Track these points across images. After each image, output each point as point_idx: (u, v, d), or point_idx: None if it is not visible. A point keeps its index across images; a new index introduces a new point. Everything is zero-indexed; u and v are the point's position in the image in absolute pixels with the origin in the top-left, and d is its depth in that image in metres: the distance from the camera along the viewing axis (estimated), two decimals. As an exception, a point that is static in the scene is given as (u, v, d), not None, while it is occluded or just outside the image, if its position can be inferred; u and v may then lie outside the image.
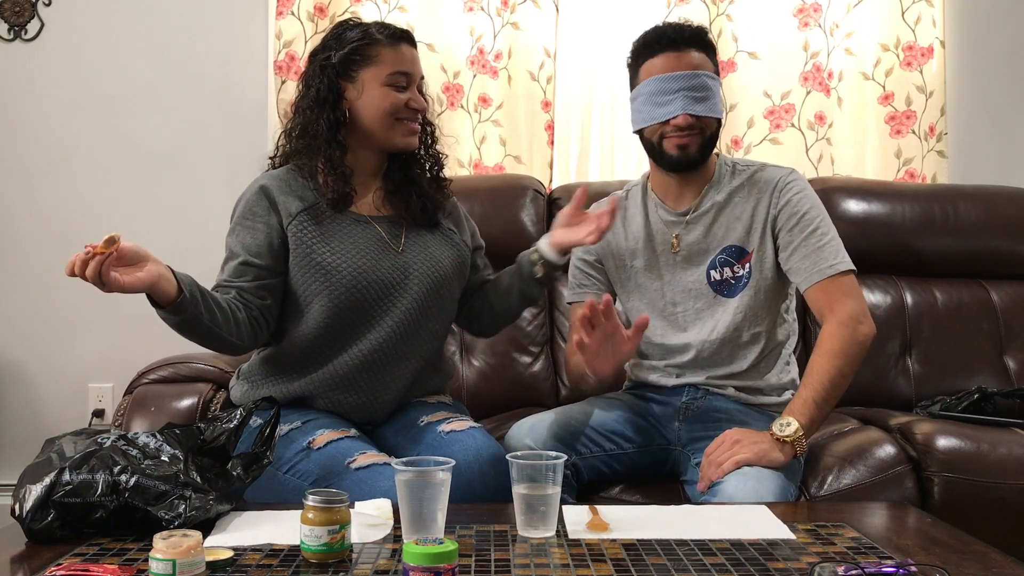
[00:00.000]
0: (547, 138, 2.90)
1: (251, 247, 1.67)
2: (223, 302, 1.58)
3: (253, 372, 1.77)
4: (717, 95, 1.80)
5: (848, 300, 1.72)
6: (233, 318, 1.59)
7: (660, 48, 1.79)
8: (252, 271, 1.66)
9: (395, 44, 1.73)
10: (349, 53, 1.72)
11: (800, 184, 1.82)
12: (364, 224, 1.74)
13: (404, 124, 1.74)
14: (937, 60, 2.87)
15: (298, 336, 1.70)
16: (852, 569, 1.09)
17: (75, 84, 2.91)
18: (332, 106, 1.71)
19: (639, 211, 1.91)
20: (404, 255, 1.73)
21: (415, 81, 1.76)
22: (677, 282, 1.85)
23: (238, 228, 1.70)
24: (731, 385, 1.82)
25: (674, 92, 1.76)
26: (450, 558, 1.04)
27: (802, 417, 1.62)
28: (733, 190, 1.84)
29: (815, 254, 1.75)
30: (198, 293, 1.51)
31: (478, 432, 1.65)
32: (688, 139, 1.78)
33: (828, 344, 1.68)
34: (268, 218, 1.69)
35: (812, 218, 1.77)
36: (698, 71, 1.77)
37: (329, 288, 1.66)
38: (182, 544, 1.08)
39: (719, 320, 1.81)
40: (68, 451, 1.32)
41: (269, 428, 1.46)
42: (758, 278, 1.80)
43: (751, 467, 1.56)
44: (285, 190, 1.72)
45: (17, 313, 2.90)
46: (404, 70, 1.73)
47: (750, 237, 1.81)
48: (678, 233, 1.85)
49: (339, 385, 1.70)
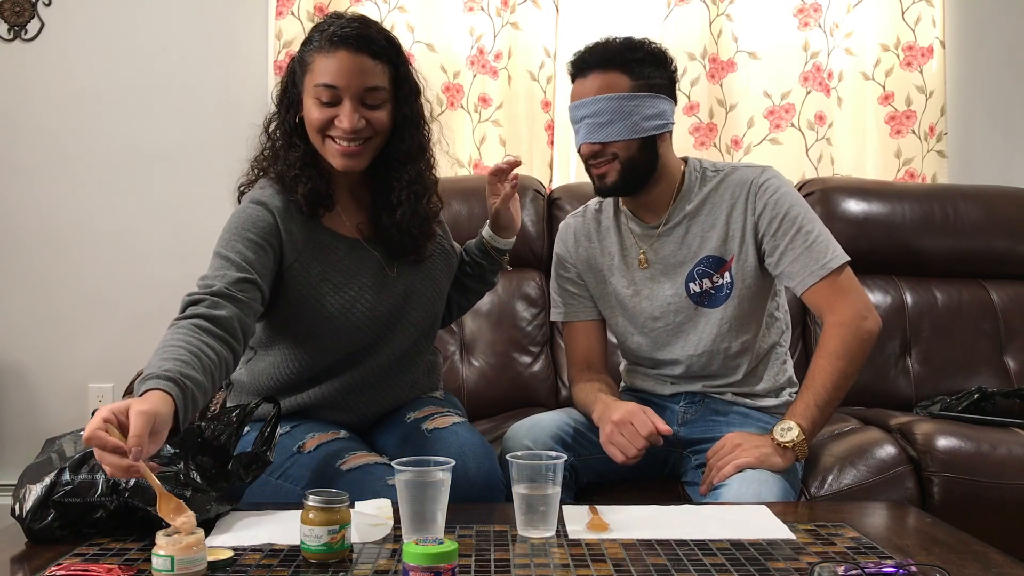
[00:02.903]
0: (547, 138, 2.90)
1: (258, 268, 1.50)
2: (212, 369, 1.33)
3: (241, 383, 1.70)
4: (637, 113, 1.68)
5: (848, 296, 1.68)
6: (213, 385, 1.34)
7: (572, 75, 1.76)
8: (253, 289, 1.48)
9: (330, 51, 1.53)
10: (301, 58, 1.59)
11: (775, 183, 1.75)
12: (360, 250, 1.64)
13: (335, 143, 1.55)
14: (937, 60, 2.87)
15: (289, 361, 1.64)
16: (852, 569, 1.09)
17: (75, 84, 2.91)
18: (286, 110, 1.62)
19: (611, 224, 1.87)
20: (400, 279, 1.66)
21: (352, 94, 1.52)
22: (655, 296, 1.80)
23: (239, 240, 1.51)
24: (729, 391, 1.81)
25: (579, 120, 1.71)
26: (450, 558, 1.04)
27: (804, 421, 1.61)
28: (704, 197, 1.77)
29: (805, 255, 1.69)
30: (192, 410, 1.26)
31: (461, 428, 1.63)
32: (604, 168, 1.71)
33: (830, 345, 1.66)
34: (275, 246, 1.55)
35: (795, 217, 1.71)
36: (600, 95, 1.68)
37: (329, 330, 1.60)
38: (183, 540, 1.09)
39: (703, 332, 1.77)
40: (68, 451, 1.32)
41: (269, 428, 1.46)
42: (741, 287, 1.75)
43: (753, 470, 1.56)
44: (287, 216, 1.58)
45: (17, 313, 2.90)
46: (330, 82, 1.52)
47: (727, 245, 1.75)
48: (645, 249, 1.80)
49: (330, 405, 1.67)
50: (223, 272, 1.47)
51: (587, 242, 1.89)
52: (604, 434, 1.63)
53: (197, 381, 1.27)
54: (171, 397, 1.20)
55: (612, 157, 1.71)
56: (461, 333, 2.51)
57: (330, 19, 1.60)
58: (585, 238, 1.90)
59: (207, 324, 1.37)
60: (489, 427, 2.15)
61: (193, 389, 1.25)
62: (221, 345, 1.37)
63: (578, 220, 1.93)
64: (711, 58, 2.88)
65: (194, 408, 1.27)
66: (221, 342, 1.37)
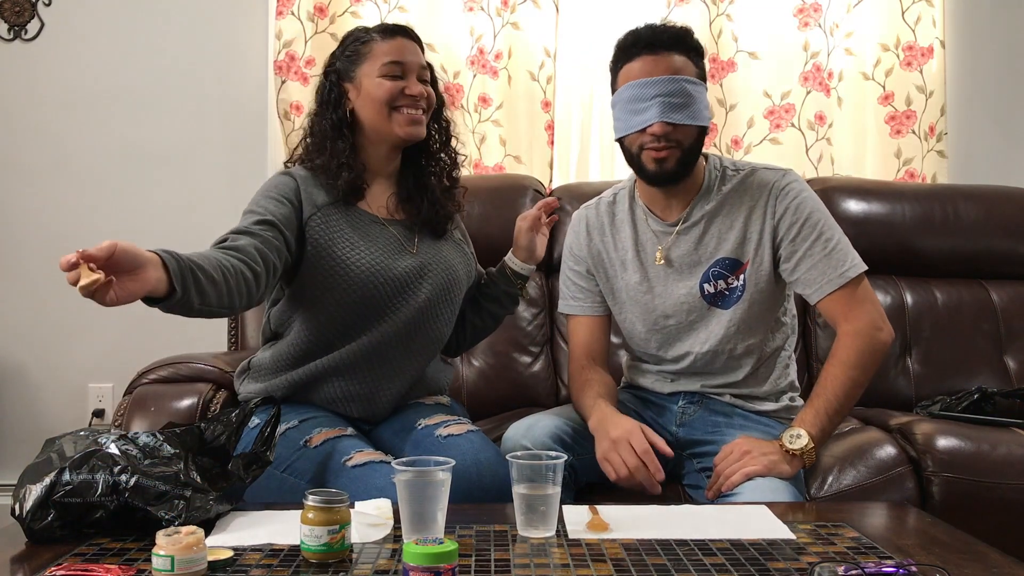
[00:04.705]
0: (547, 138, 2.90)
1: (277, 214, 1.63)
2: (224, 269, 1.43)
3: (261, 365, 1.77)
4: (700, 102, 1.69)
5: (864, 306, 1.67)
6: (227, 285, 1.43)
7: (637, 52, 1.70)
8: (274, 231, 1.60)
9: (389, 37, 1.75)
10: (349, 55, 1.76)
11: (797, 187, 1.73)
12: (380, 225, 1.75)
13: (402, 113, 1.73)
14: (937, 60, 2.88)
15: (308, 327, 1.70)
16: (852, 569, 1.09)
17: (75, 84, 2.92)
18: (334, 107, 1.74)
19: (627, 219, 1.85)
20: (419, 256, 1.74)
21: (413, 70, 1.74)
22: (669, 295, 1.79)
23: (262, 199, 1.67)
24: (728, 392, 1.80)
25: (650, 99, 1.66)
26: (450, 558, 1.04)
27: (813, 429, 1.60)
28: (724, 197, 1.76)
29: (823, 263, 1.68)
30: (191, 282, 1.35)
31: (476, 436, 1.65)
32: (666, 152, 1.68)
33: (843, 354, 1.65)
34: (295, 202, 1.68)
35: (815, 223, 1.70)
36: (677, 75, 1.67)
37: (345, 282, 1.66)
38: (183, 541, 1.09)
39: (712, 331, 1.76)
40: (68, 451, 1.32)
41: (269, 428, 1.46)
42: (753, 290, 1.74)
43: (762, 479, 1.55)
44: (310, 183, 1.72)
45: (17, 313, 2.91)
46: (397, 59, 1.73)
47: (744, 248, 1.74)
48: (662, 247, 1.79)
49: (344, 372, 1.71)
50: (244, 220, 1.61)
51: (600, 235, 1.88)
52: (601, 449, 1.63)
53: (197, 264, 1.36)
54: (158, 256, 1.30)
55: (676, 143, 1.68)
56: (461, 333, 2.51)
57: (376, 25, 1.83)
58: (598, 231, 1.89)
59: (223, 247, 1.50)
60: (489, 427, 2.14)
61: (192, 266, 1.34)
62: (235, 258, 1.47)
63: (591, 212, 1.91)
64: (711, 58, 2.88)
65: (196, 285, 1.34)
66: (235, 257, 1.47)
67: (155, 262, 1.29)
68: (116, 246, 1.22)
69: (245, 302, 1.49)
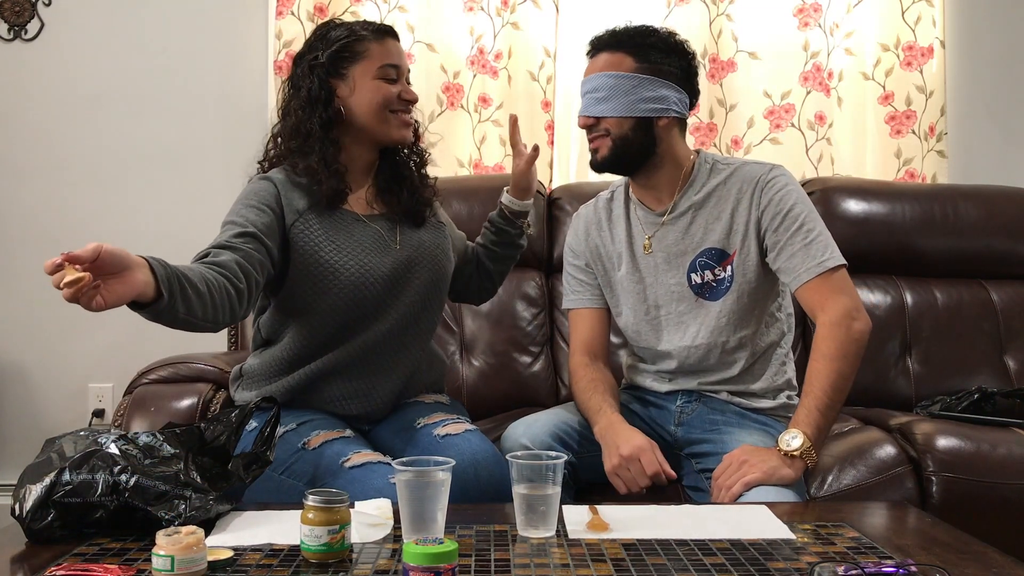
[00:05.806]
0: (547, 138, 2.90)
1: (259, 224, 1.61)
2: (208, 282, 1.42)
3: (253, 372, 1.77)
4: (630, 93, 1.74)
5: (840, 297, 1.67)
6: (211, 299, 1.42)
7: (587, 54, 1.84)
8: (256, 243, 1.58)
9: (381, 39, 1.75)
10: (338, 51, 1.73)
11: (782, 180, 1.76)
12: (362, 223, 1.74)
13: (398, 116, 1.75)
14: (937, 60, 2.88)
15: (301, 333, 1.71)
16: (852, 569, 1.09)
17: (75, 84, 2.92)
18: (324, 104, 1.71)
19: (622, 214, 1.89)
20: (403, 251, 1.75)
21: (404, 74, 1.78)
22: (659, 284, 1.82)
23: (242, 207, 1.64)
24: (724, 390, 1.80)
25: (583, 96, 1.80)
26: (450, 558, 1.04)
27: (807, 428, 1.59)
28: (712, 189, 1.79)
29: (803, 252, 1.70)
30: (177, 289, 1.34)
31: (474, 436, 1.65)
32: (597, 142, 1.78)
33: (824, 347, 1.65)
34: (276, 209, 1.66)
35: (797, 214, 1.72)
36: (601, 72, 1.76)
37: (336, 287, 1.66)
38: (183, 541, 1.09)
39: (702, 325, 1.78)
40: (68, 451, 1.32)
41: (269, 428, 1.46)
42: (741, 281, 1.76)
43: (764, 488, 1.54)
44: (289, 188, 1.70)
45: (17, 313, 2.90)
46: (393, 63, 1.75)
47: (731, 239, 1.77)
48: (650, 236, 1.83)
49: (340, 372, 1.71)
50: (225, 232, 1.59)
51: (597, 231, 1.92)
52: (611, 465, 1.65)
53: (183, 273, 1.36)
54: (145, 260, 1.29)
55: (605, 133, 1.77)
56: (461, 333, 2.51)
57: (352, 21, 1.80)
58: (595, 227, 1.92)
59: (205, 262, 1.48)
60: (488, 427, 2.14)
61: (178, 274, 1.34)
62: (217, 273, 1.46)
63: (589, 210, 1.97)
64: (711, 58, 2.88)
65: (182, 293, 1.34)
66: (217, 272, 1.46)
67: (142, 265, 1.29)
68: (102, 248, 1.21)
69: (228, 318, 1.48)
